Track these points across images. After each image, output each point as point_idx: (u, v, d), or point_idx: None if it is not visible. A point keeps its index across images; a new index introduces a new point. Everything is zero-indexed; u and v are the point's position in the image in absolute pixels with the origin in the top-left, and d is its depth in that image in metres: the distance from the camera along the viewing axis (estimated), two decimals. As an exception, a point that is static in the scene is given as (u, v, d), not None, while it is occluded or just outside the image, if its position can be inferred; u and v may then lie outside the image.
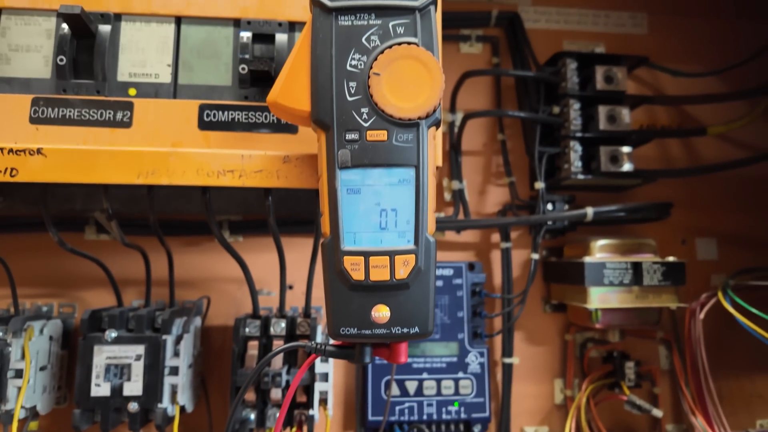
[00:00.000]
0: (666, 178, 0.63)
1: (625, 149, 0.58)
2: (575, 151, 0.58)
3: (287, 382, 0.47)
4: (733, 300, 0.53)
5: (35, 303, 0.57)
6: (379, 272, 0.31)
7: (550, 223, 0.59)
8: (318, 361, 0.48)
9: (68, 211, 0.58)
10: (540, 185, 0.58)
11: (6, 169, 0.34)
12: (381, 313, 0.31)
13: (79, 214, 0.59)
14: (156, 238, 0.48)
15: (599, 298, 0.53)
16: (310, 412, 0.47)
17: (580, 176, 0.58)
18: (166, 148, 0.37)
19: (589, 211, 0.54)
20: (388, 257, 0.31)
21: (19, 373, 0.46)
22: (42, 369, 0.49)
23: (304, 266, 0.52)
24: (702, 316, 0.56)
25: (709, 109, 0.67)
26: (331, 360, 0.50)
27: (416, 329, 0.31)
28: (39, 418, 0.52)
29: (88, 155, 0.35)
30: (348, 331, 0.31)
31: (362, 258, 0.31)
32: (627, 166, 0.58)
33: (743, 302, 0.53)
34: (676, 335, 0.61)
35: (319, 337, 0.49)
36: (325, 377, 0.48)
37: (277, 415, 0.48)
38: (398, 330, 0.31)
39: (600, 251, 0.55)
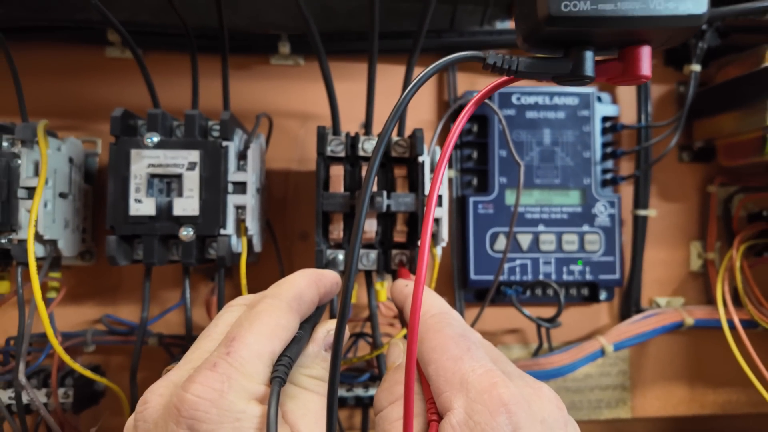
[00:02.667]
0: None
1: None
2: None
3: (388, 206, 0.36)
4: None
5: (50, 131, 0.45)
6: None
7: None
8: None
9: (84, 21, 0.44)
10: None
11: None
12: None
13: (99, 25, 0.45)
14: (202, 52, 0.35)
15: (785, 114, 0.41)
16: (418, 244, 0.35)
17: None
18: None
19: (776, 1, 0.41)
20: None
21: (31, 194, 0.34)
22: (62, 196, 0.37)
23: (386, 99, 0.39)
24: None
25: None
26: (445, 179, 0.38)
27: (687, 5, 0.19)
28: (62, 270, 0.41)
29: None
30: (577, 4, 0.18)
31: None
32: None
33: None
34: None
35: (427, 160, 0.37)
36: (438, 201, 0.36)
37: (372, 256, 0.37)
38: (659, 4, 0.18)
39: (781, 60, 0.42)
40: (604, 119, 0.47)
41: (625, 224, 0.48)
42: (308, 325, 0.24)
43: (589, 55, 0.20)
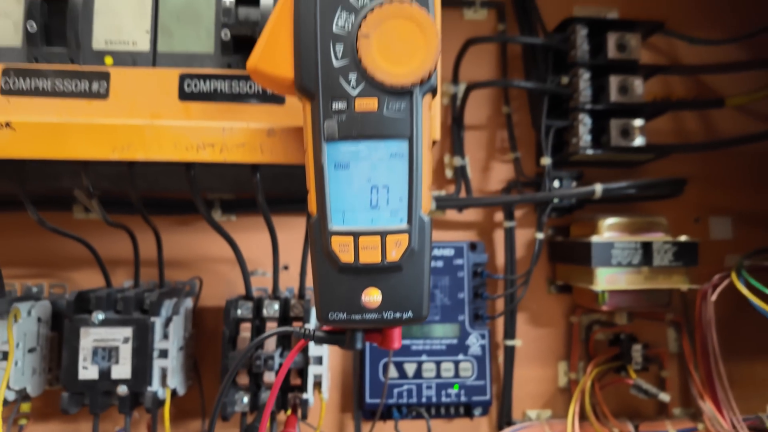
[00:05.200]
0: (680, 153, 0.59)
1: (637, 122, 0.55)
2: (584, 124, 0.55)
3: (280, 365, 0.46)
4: (747, 281, 0.51)
5: (25, 284, 0.56)
6: (370, 254, 0.29)
7: (556, 200, 0.56)
8: (311, 344, 0.47)
9: (55, 189, 0.56)
10: (546, 161, 0.55)
11: (-28, 143, 0.32)
12: (372, 297, 0.29)
13: (67, 192, 0.57)
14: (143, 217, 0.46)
15: (607, 279, 0.51)
16: (305, 395, 0.45)
17: (589, 151, 0.54)
18: (143, 120, 0.34)
19: (598, 188, 0.52)
20: (379, 237, 0.29)
21: (5, 356, 0.45)
22: (31, 351, 0.48)
23: (300, 246, 0.50)
24: (714, 297, 0.53)
25: (728, 79, 0.63)
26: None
27: (410, 314, 0.29)
28: (31, 400, 0.51)
29: (60, 129, 0.33)
30: (337, 316, 0.29)
31: (351, 238, 0.29)
32: (639, 140, 0.55)
33: (758, 283, 0.50)
34: (687, 317, 0.59)
35: (313, 320, 0.48)
36: (319, 360, 0.46)
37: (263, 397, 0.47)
38: (390, 315, 0.29)
39: (608, 230, 0.53)
40: (475, 264, 0.57)
41: (500, 348, 0.59)
42: None
43: (358, 336, 0.31)
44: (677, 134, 0.63)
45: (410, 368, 0.55)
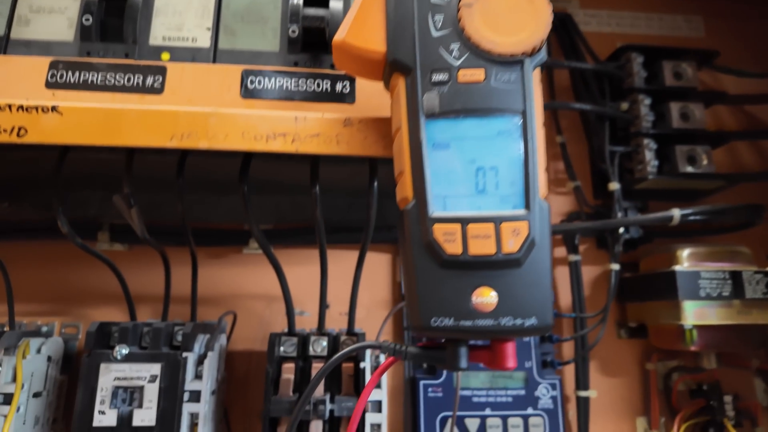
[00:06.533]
0: (751, 182, 0.56)
1: (703, 148, 0.52)
2: (650, 149, 0.51)
3: (331, 412, 0.39)
4: None
5: (34, 321, 0.49)
6: (482, 244, 0.24)
7: (622, 230, 0.51)
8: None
9: (80, 218, 0.51)
10: (615, 186, 0.51)
11: (13, 128, 0.28)
12: (485, 297, 0.24)
13: (93, 221, 0.52)
14: (178, 246, 0.41)
15: (695, 313, 0.45)
16: (361, 450, 0.38)
17: (656, 177, 0.51)
18: (207, 107, 0.30)
19: (676, 212, 0.47)
20: (492, 225, 0.24)
21: (8, 399, 0.38)
22: (36, 395, 0.40)
23: (340, 283, 0.44)
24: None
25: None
26: (384, 385, 0.41)
27: (533, 320, 0.24)
28: (28, 458, 0.43)
29: (112, 114, 0.29)
30: (441, 322, 0.24)
31: (458, 226, 0.24)
32: (707, 167, 0.51)
33: None
34: (778, 363, 0.52)
35: (368, 358, 0.41)
36: (378, 407, 0.39)
37: (317, 455, 0.39)
38: (509, 321, 0.24)
39: (688, 260, 0.48)
40: (541, 304, 0.51)
41: (569, 401, 0.51)
42: None
43: (463, 351, 0.25)
44: (732, 166, 0.60)
45: (472, 424, 0.47)
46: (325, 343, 0.42)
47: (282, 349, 0.41)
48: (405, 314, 0.51)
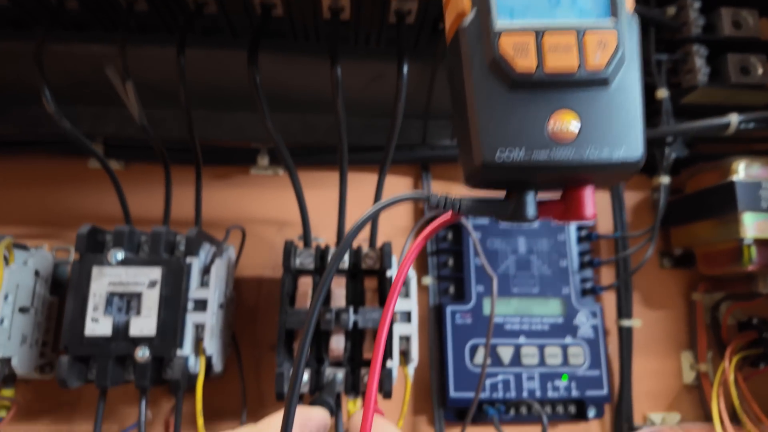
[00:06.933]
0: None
1: (758, 57, 0.47)
2: (700, 55, 0.46)
3: (354, 324, 0.34)
4: None
5: (22, 244, 0.45)
6: (561, 58, 0.19)
7: (668, 148, 0.46)
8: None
9: (70, 133, 0.46)
10: (663, 93, 0.46)
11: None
12: (565, 123, 0.19)
13: (82, 141, 0.47)
14: (179, 164, 0.37)
15: (756, 226, 0.41)
16: (389, 363, 0.33)
17: (706, 86, 0.46)
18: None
19: (734, 118, 0.42)
20: (574, 34, 0.19)
21: (-11, 310, 0.34)
22: (22, 310, 0.36)
23: (356, 209, 0.40)
24: None
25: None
26: (413, 294, 0.37)
27: (621, 152, 0.19)
28: (16, 383, 0.39)
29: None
30: (510, 154, 0.19)
31: (532, 37, 0.19)
32: (762, 78, 0.46)
33: None
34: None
35: (395, 268, 0.36)
36: (407, 317, 0.35)
37: (340, 375, 0.35)
38: (594, 153, 0.19)
39: (746, 172, 0.43)
40: (579, 228, 0.47)
41: (609, 334, 0.47)
42: None
43: (530, 199, 0.20)
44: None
45: (506, 353, 0.43)
46: (346, 256, 0.37)
47: (299, 261, 0.37)
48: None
